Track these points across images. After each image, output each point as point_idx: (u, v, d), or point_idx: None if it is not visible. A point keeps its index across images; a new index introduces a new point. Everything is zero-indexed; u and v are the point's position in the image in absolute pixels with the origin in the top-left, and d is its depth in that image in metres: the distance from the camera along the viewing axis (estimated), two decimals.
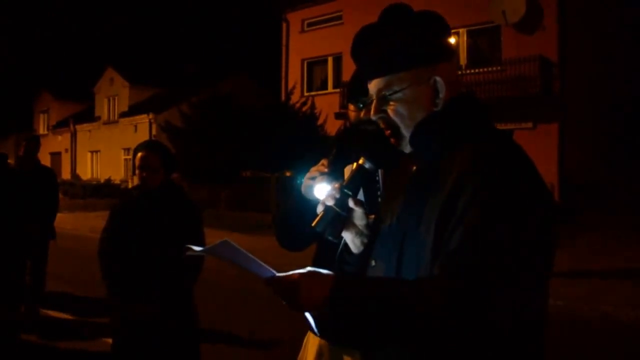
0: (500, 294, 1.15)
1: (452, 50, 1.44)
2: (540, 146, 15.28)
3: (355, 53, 1.45)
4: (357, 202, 1.48)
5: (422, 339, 1.17)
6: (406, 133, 1.39)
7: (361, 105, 2.22)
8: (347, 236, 1.53)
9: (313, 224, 1.46)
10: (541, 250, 1.21)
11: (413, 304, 1.17)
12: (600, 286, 8.28)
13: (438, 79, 1.35)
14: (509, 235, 1.16)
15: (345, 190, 1.47)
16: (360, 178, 1.52)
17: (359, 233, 1.52)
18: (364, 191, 2.10)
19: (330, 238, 1.48)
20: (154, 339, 3.29)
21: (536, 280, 1.22)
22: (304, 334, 2.43)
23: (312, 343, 2.37)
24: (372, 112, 1.42)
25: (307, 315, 1.25)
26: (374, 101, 1.41)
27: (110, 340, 3.59)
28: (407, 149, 1.42)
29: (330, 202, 1.46)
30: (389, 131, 1.42)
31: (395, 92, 1.37)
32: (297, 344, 2.47)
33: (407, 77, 1.36)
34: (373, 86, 1.42)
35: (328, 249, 1.88)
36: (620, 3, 18.37)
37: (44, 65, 46.78)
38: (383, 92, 1.39)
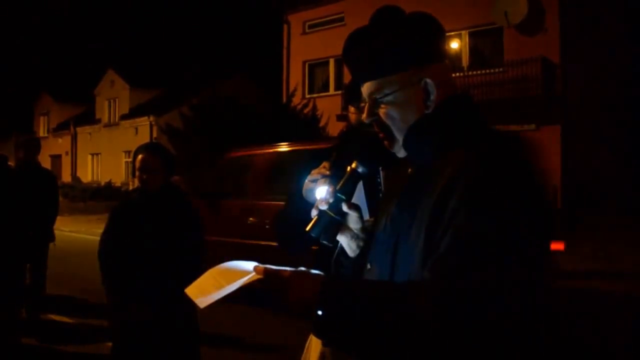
0: (488, 297, 1.13)
1: (444, 51, 1.43)
2: (543, 148, 15.27)
3: (346, 57, 1.46)
4: (352, 206, 1.48)
5: (409, 342, 1.15)
6: (399, 136, 1.39)
7: (362, 107, 2.22)
8: (343, 240, 1.53)
9: (307, 229, 1.46)
10: (531, 252, 1.19)
11: (401, 306, 1.15)
12: (602, 287, 8.27)
13: (429, 80, 1.34)
14: (497, 237, 1.14)
15: (339, 195, 1.47)
16: (354, 181, 1.52)
17: (355, 237, 1.52)
18: (366, 194, 2.07)
19: (325, 242, 1.48)
20: (154, 342, 3.27)
21: (526, 281, 1.20)
22: (306, 338, 2.41)
23: (314, 347, 2.34)
24: (364, 115, 1.42)
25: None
26: (366, 104, 1.42)
27: (110, 344, 3.57)
28: (401, 152, 1.42)
29: (324, 207, 1.46)
30: (382, 135, 1.42)
31: (387, 95, 1.37)
32: (299, 348, 2.45)
33: (398, 80, 1.36)
34: (365, 89, 1.42)
35: (329, 252, 1.86)
36: (622, 3, 18.37)
37: (44, 68, 46.86)
38: (374, 96, 1.39)
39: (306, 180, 2.14)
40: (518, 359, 1.23)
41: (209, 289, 1.29)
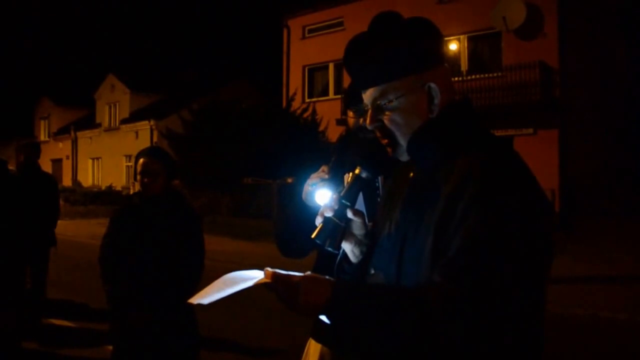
0: (500, 300, 1.15)
1: (444, 56, 1.43)
2: (541, 152, 15.28)
3: (348, 64, 1.45)
4: (356, 212, 1.47)
5: (421, 343, 1.16)
6: (403, 142, 1.39)
7: (361, 112, 2.23)
8: (346, 246, 1.52)
9: (313, 236, 1.44)
10: (539, 256, 1.21)
11: (413, 309, 1.17)
12: (600, 291, 8.27)
13: (433, 85, 1.35)
14: (508, 240, 1.17)
15: (344, 201, 1.46)
16: (358, 187, 1.51)
17: (358, 242, 1.51)
18: (364, 199, 2.09)
19: (330, 249, 1.47)
20: (155, 346, 3.28)
21: (535, 285, 1.22)
22: (305, 341, 2.42)
23: (313, 350, 2.35)
24: (367, 121, 1.42)
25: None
26: (369, 110, 1.41)
27: (110, 348, 3.58)
28: (404, 157, 1.41)
29: (329, 214, 1.44)
30: (385, 140, 1.42)
31: (391, 100, 1.36)
32: (297, 352, 2.46)
33: (402, 85, 1.36)
34: (368, 95, 1.41)
35: (329, 257, 1.88)
36: (620, 9, 18.42)
37: (45, 72, 46.88)
38: (378, 102, 1.38)
39: (305, 184, 2.16)
40: (526, 358, 1.25)
41: (211, 294, 1.29)
